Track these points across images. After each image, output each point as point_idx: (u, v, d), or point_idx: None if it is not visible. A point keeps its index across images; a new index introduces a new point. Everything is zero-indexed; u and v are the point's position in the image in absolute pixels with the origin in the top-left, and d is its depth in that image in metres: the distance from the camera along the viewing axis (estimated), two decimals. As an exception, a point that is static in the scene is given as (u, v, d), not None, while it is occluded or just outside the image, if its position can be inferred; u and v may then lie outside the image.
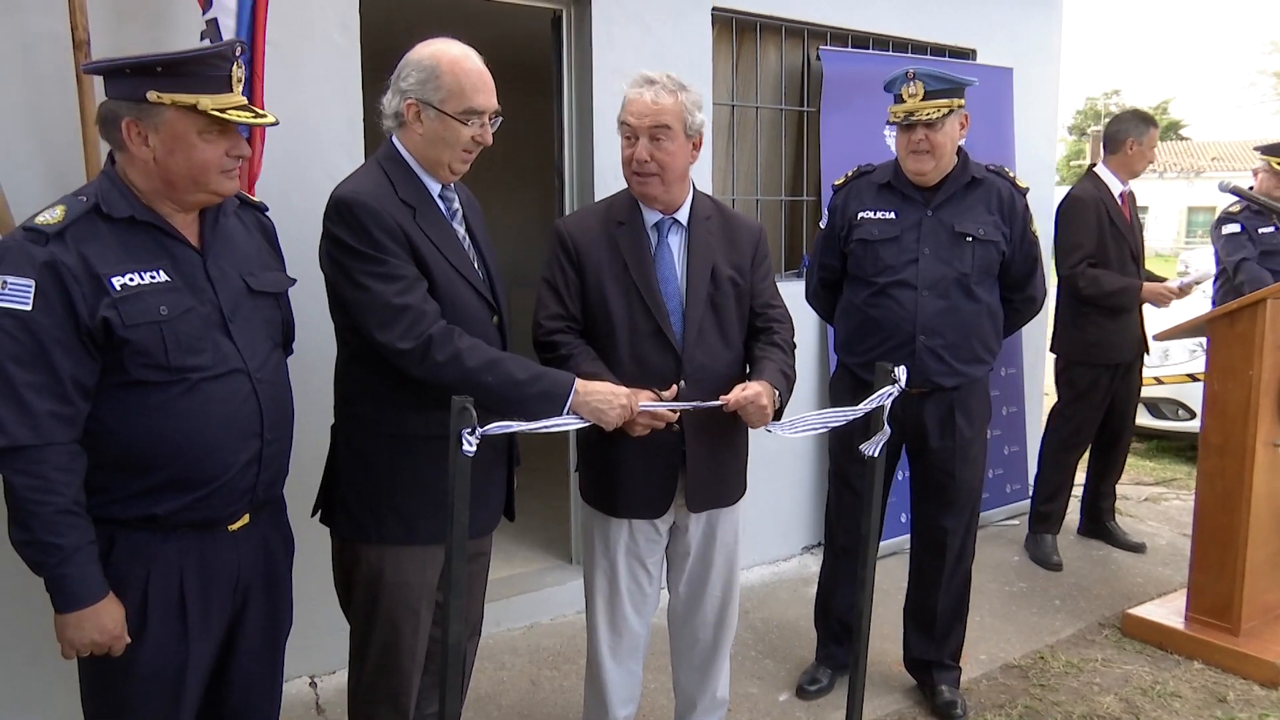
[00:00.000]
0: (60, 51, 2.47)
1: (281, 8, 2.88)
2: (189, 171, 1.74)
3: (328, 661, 3.19)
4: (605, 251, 2.36)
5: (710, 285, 2.36)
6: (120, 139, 1.73)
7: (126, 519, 1.75)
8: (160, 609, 1.78)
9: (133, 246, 1.72)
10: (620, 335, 2.33)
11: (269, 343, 1.90)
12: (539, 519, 4.31)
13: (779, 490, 4.32)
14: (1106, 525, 4.78)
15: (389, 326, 1.96)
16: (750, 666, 3.45)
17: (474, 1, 3.45)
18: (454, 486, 1.74)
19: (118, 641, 1.73)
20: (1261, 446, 3.43)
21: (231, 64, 1.75)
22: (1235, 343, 3.47)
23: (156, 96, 1.68)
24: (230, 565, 1.86)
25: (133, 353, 1.68)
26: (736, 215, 2.53)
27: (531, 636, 3.65)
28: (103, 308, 1.65)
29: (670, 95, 2.27)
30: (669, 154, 2.29)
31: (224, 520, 1.83)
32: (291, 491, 2.12)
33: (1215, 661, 3.45)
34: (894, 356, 2.87)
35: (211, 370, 1.76)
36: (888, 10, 4.62)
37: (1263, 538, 3.49)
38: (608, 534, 2.47)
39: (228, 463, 1.78)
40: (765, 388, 2.26)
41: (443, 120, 2.03)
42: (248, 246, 1.93)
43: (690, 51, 3.92)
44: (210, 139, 1.74)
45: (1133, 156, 4.38)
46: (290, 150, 2.91)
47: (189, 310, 1.74)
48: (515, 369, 2.02)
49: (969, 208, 2.98)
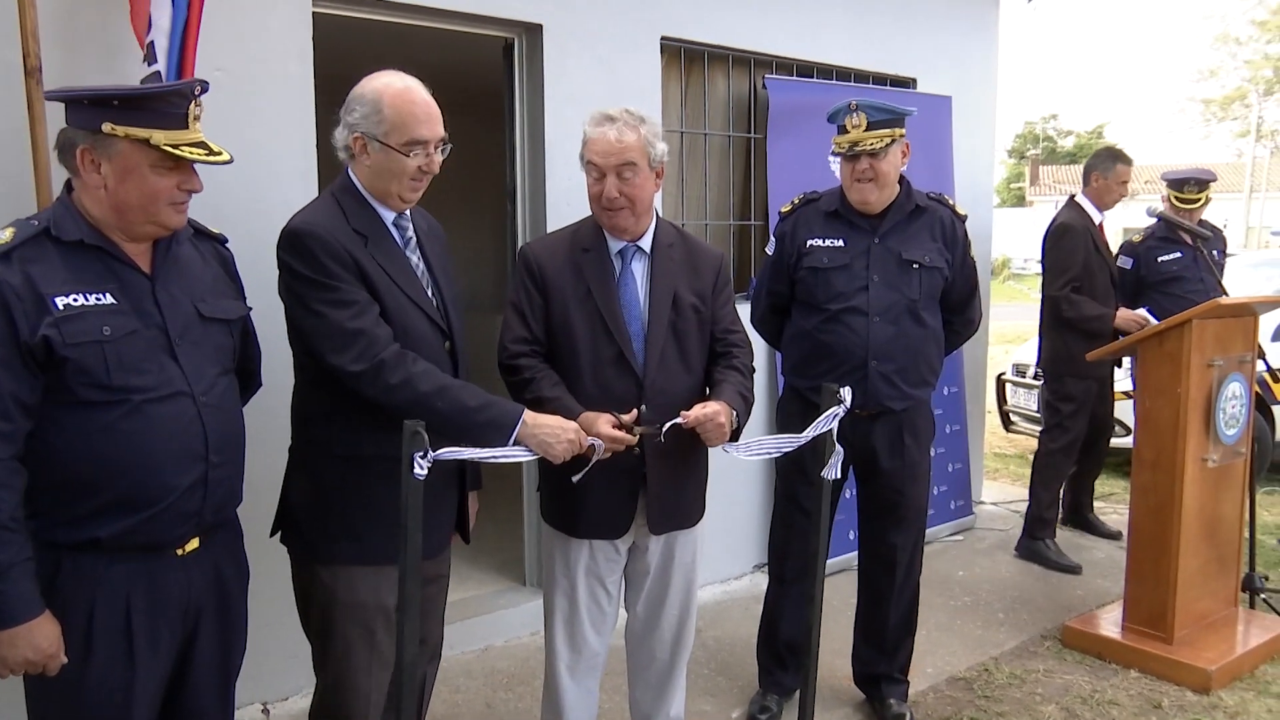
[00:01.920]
0: (11, 77, 2.47)
1: (236, 37, 2.91)
2: (139, 201, 1.76)
3: (281, 688, 3.17)
4: (570, 277, 2.41)
5: (672, 312, 2.41)
6: (75, 165, 1.76)
7: (72, 543, 1.75)
8: (106, 633, 1.77)
9: (80, 269, 1.74)
10: (583, 359, 2.37)
11: (217, 368, 1.91)
12: (493, 541, 4.32)
13: (730, 510, 4.38)
14: (1087, 516, 5.25)
15: (343, 350, 2.00)
16: (703, 684, 3.49)
17: (426, 29, 3.50)
18: (406, 508, 1.77)
19: (51, 660, 1.72)
20: (1191, 462, 3.56)
21: (189, 102, 1.78)
22: (1164, 361, 3.61)
23: (111, 128, 1.71)
24: (180, 590, 1.86)
25: (74, 371, 1.69)
26: (698, 243, 2.59)
27: (486, 659, 3.66)
28: (44, 326, 1.66)
29: (633, 131, 2.32)
30: (637, 188, 2.35)
31: (170, 544, 1.83)
32: (252, 514, 2.13)
33: (1151, 669, 3.56)
34: (846, 380, 2.89)
35: (155, 392, 1.77)
36: (831, 40, 4.75)
37: (1193, 549, 3.63)
38: (568, 554, 2.50)
39: (170, 485, 1.78)
40: (724, 407, 2.31)
41: (386, 152, 2.08)
42: (203, 274, 1.95)
43: (640, 80, 3.99)
44: (161, 172, 1.76)
45: (1099, 189, 4.80)
46: (247, 179, 2.91)
47: (133, 332, 1.76)
48: (466, 396, 2.06)
49: (914, 235, 3.07)
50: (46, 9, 2.50)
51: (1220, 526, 3.77)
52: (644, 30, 4.00)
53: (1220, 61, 40.70)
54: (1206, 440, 3.62)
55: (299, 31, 3.08)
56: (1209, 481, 3.67)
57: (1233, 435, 3.71)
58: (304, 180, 3.07)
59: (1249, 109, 34.40)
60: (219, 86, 2.85)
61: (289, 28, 3.05)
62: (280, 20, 3.03)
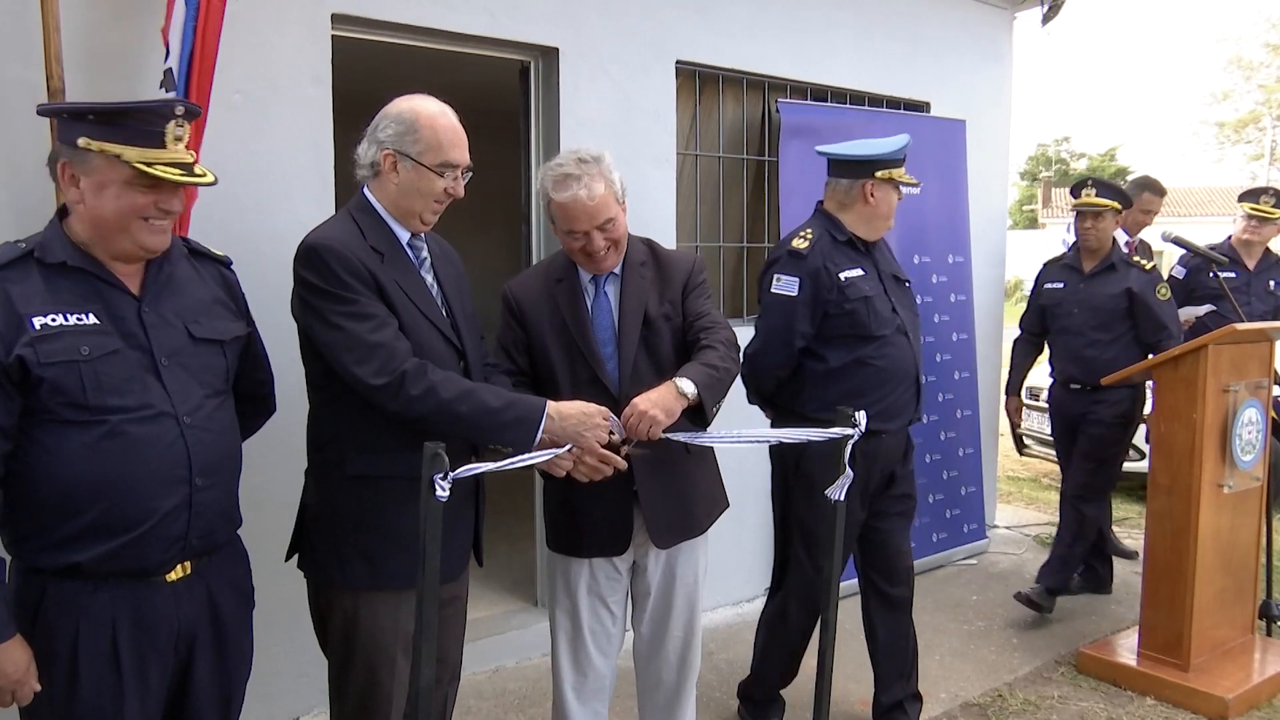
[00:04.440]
0: (35, 99, 2.50)
1: (255, 60, 2.95)
2: (113, 219, 1.75)
3: (293, 707, 3.17)
4: (546, 309, 2.47)
5: (643, 328, 2.44)
6: (57, 179, 1.77)
7: (54, 568, 1.73)
8: (92, 661, 1.75)
9: (62, 291, 1.74)
10: (562, 385, 2.42)
11: (206, 389, 1.88)
12: (504, 562, 4.32)
13: (742, 531, 4.37)
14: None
15: (364, 362, 2.01)
16: (715, 708, 3.47)
17: (443, 51, 3.54)
18: (425, 531, 1.76)
19: (21, 687, 1.70)
20: (1207, 487, 3.54)
21: (168, 121, 1.76)
22: (1180, 386, 3.60)
23: (86, 143, 1.72)
24: (168, 617, 1.82)
25: (50, 391, 1.69)
26: (669, 254, 2.59)
27: (497, 680, 3.65)
28: (19, 346, 1.66)
29: (599, 181, 2.32)
30: (618, 231, 2.40)
31: (155, 570, 1.80)
32: (266, 536, 2.13)
33: (1166, 697, 3.53)
34: (905, 398, 3.09)
35: (136, 413, 1.75)
36: (845, 65, 4.78)
37: (1210, 576, 3.60)
38: (569, 573, 2.52)
39: (150, 508, 1.76)
40: (654, 394, 2.23)
41: (419, 171, 2.11)
42: (198, 295, 1.93)
43: (654, 103, 4.03)
44: (136, 189, 1.75)
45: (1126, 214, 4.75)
46: (261, 200, 2.95)
47: (114, 352, 1.75)
48: (489, 397, 2.08)
49: (891, 257, 3.27)
50: (70, 32, 2.55)
51: (1237, 553, 3.74)
52: (658, 54, 4.03)
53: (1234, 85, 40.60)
54: (1222, 466, 3.60)
55: (317, 55, 3.12)
56: (1225, 508, 3.64)
57: (1249, 461, 3.69)
58: (319, 202, 3.10)
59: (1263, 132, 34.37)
60: (238, 109, 2.91)
61: (307, 51, 3.09)
62: (298, 44, 3.07)
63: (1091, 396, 4.26)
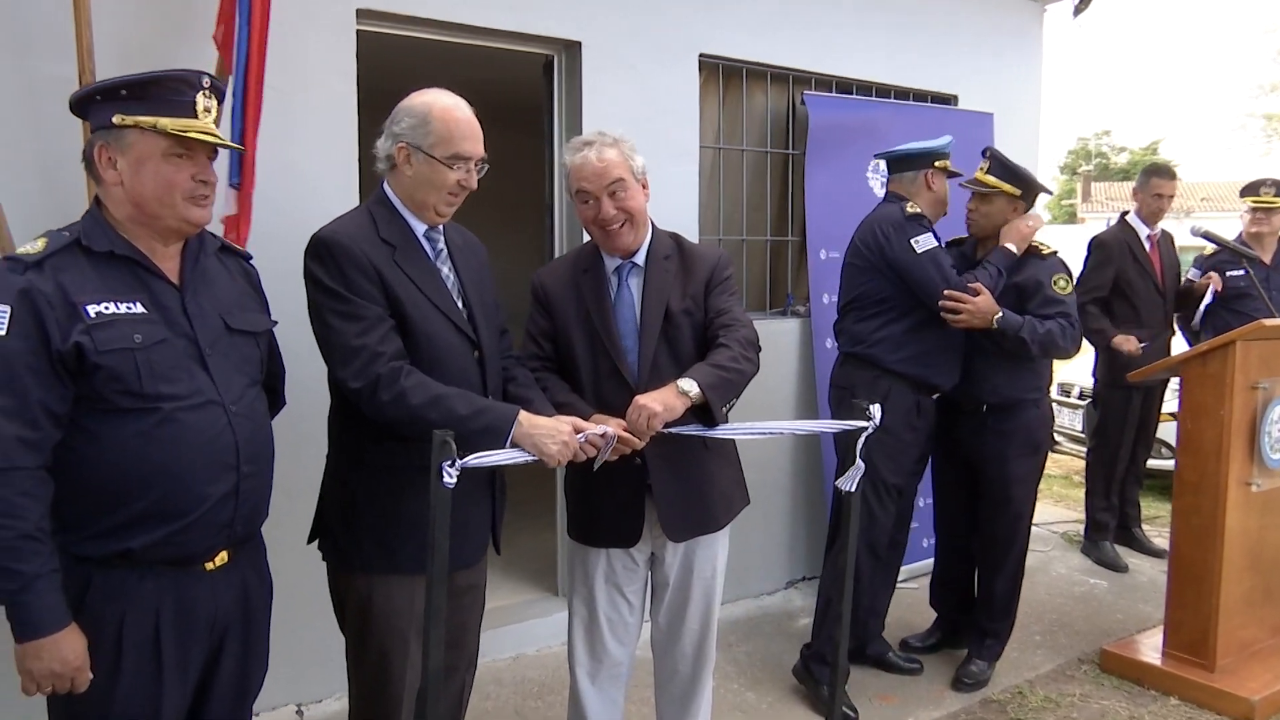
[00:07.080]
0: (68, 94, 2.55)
1: (281, 54, 2.98)
2: (155, 193, 1.77)
3: (315, 690, 3.23)
4: (571, 299, 2.49)
5: (664, 322, 2.44)
6: (97, 170, 1.79)
7: (102, 556, 1.75)
8: (135, 649, 1.77)
9: (110, 279, 1.76)
10: (584, 376, 2.45)
11: (245, 378, 1.91)
12: (525, 551, 4.36)
13: (763, 525, 4.37)
14: (1133, 532, 5.32)
15: (345, 365, 2.05)
16: (732, 699, 3.49)
17: (468, 46, 3.57)
18: (435, 518, 1.79)
19: (79, 674, 1.71)
20: (1234, 485, 3.50)
21: (197, 90, 1.80)
22: (1208, 383, 3.55)
23: (121, 119, 1.75)
24: (207, 606, 1.85)
25: (106, 379, 1.70)
26: (695, 249, 2.59)
27: (517, 668, 3.69)
28: (76, 333, 1.68)
29: (612, 149, 2.38)
30: (630, 201, 2.40)
31: (200, 557, 1.83)
32: (288, 519, 2.17)
33: (1191, 697, 3.49)
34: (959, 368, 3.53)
35: (187, 401, 1.77)
36: (871, 57, 4.75)
37: (1237, 575, 3.56)
38: (587, 562, 2.56)
39: (203, 494, 1.79)
40: (656, 392, 2.24)
41: (430, 163, 2.14)
42: (229, 288, 1.97)
43: (678, 96, 4.03)
44: (174, 161, 1.78)
45: (1140, 204, 4.97)
46: (287, 194, 2.99)
47: (163, 341, 1.77)
48: (459, 405, 2.06)
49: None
50: (101, 27, 2.60)
51: (1265, 553, 3.68)
52: (682, 47, 4.04)
53: (1281, 76, 39.72)
54: (1250, 464, 3.55)
55: (343, 50, 3.16)
56: (1253, 507, 3.59)
57: (1278, 459, 3.63)
58: (344, 196, 3.13)
59: (1312, 125, 33.57)
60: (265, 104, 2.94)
61: (332, 46, 3.14)
62: (324, 39, 3.12)
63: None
